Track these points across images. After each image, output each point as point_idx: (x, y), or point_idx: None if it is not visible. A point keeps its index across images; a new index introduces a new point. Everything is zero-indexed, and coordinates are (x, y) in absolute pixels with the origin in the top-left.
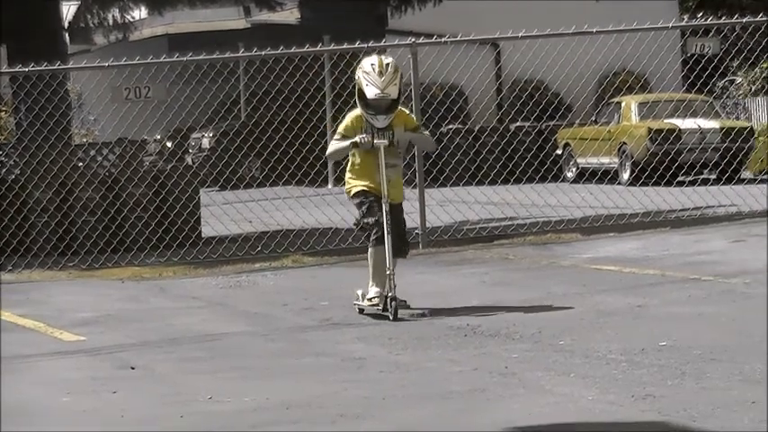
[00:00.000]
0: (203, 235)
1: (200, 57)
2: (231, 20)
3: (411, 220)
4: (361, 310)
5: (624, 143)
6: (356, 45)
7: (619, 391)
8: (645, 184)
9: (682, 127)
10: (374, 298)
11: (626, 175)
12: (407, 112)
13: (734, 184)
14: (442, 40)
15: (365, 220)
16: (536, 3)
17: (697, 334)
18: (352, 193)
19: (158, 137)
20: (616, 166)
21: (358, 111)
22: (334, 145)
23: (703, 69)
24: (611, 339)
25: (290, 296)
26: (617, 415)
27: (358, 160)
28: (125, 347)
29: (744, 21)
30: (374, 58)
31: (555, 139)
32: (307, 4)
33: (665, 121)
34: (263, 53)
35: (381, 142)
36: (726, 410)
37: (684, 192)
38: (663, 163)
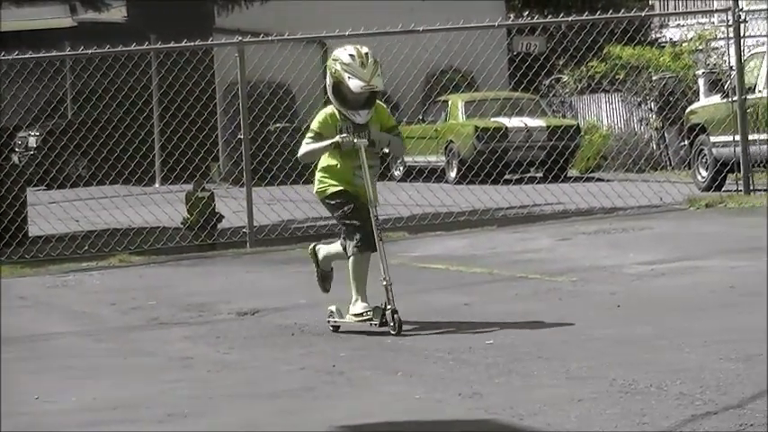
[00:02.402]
0: (30, 234)
1: (27, 55)
2: (57, 18)
3: (239, 218)
4: (336, 328)
5: (451, 141)
6: (183, 44)
7: (446, 389)
8: (472, 182)
9: (508, 125)
10: (365, 313)
11: (453, 174)
12: (384, 106)
13: (560, 182)
14: (269, 38)
15: (348, 222)
16: (363, 1)
17: (524, 332)
18: (329, 192)
19: None
20: (443, 164)
21: (331, 108)
22: (308, 146)
23: (530, 68)
24: (439, 338)
25: (117, 296)
26: (444, 413)
27: (334, 161)
28: None
29: (569, 19)
30: (350, 49)
31: None
32: (133, 3)
33: (492, 119)
34: (90, 52)
35: (362, 141)
36: (553, 408)
37: (511, 190)
38: (490, 161)
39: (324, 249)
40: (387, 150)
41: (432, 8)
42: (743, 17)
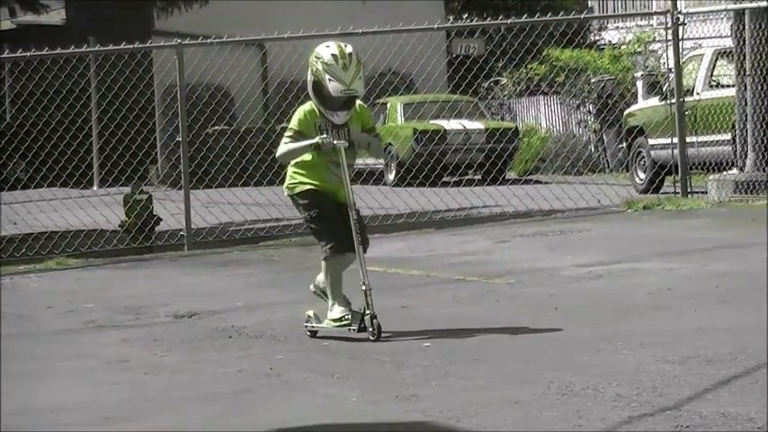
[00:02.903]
0: None
1: None
2: None
3: (176, 221)
4: (314, 333)
5: (390, 144)
6: (121, 46)
7: (383, 391)
8: (410, 184)
9: (447, 128)
10: (344, 317)
11: (391, 176)
12: (365, 107)
13: (498, 184)
14: (208, 41)
15: (314, 226)
16: (302, 4)
17: (461, 334)
18: (298, 191)
19: None
20: (381, 166)
21: (310, 105)
22: (288, 145)
23: (468, 70)
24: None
25: (54, 298)
26: (381, 416)
27: (309, 157)
28: None
29: (508, 22)
30: (333, 47)
31: None
32: (72, 5)
33: (431, 121)
34: (29, 54)
35: (342, 143)
36: (489, 410)
37: (449, 192)
38: (428, 164)
39: (321, 278)
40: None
41: (371, 10)
42: (681, 20)
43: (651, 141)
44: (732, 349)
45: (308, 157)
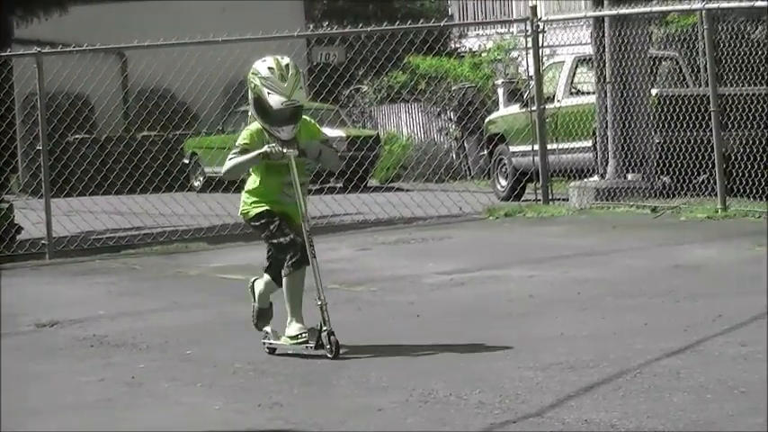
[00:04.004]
0: None
1: None
2: None
3: (38, 230)
4: (273, 351)
5: None
6: None
7: (246, 399)
8: None
9: None
10: (300, 335)
11: None
12: (313, 121)
13: (360, 192)
14: (68, 49)
15: (276, 241)
16: (163, 12)
17: None
18: (252, 214)
19: None
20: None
21: (255, 125)
22: (233, 160)
23: (329, 78)
24: (238, 349)
25: None
26: (244, 424)
27: (259, 182)
28: None
29: (369, 29)
30: (269, 61)
31: (182, 149)
32: None
33: None
34: None
35: (291, 152)
36: (353, 418)
37: (311, 200)
38: None
39: (259, 285)
40: (319, 163)
41: (231, 18)
42: (541, 27)
43: (512, 148)
44: (594, 356)
45: (259, 179)
